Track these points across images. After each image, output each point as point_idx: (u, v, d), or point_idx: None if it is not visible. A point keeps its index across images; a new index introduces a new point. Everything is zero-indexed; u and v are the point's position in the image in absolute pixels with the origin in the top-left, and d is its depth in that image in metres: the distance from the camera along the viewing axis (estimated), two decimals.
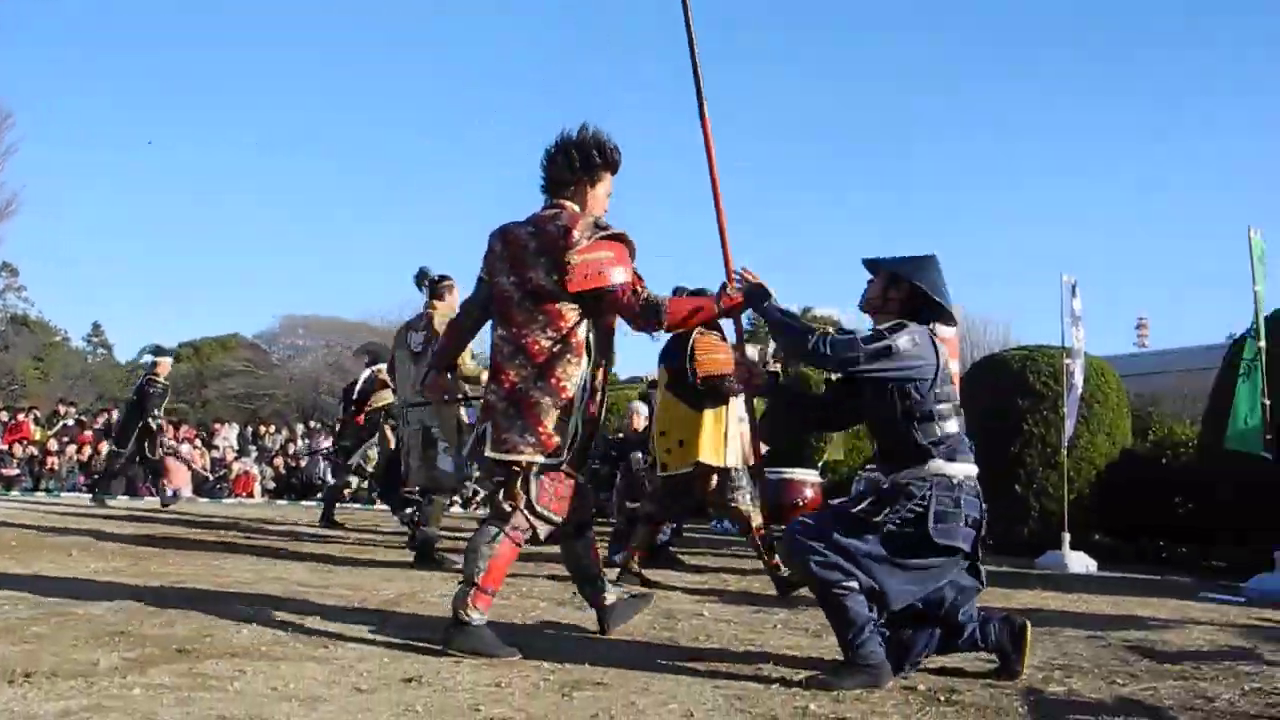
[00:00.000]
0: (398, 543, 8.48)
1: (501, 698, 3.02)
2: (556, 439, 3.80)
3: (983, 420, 11.15)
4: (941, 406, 3.59)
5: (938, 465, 3.54)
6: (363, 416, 11.39)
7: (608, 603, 4.27)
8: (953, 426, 3.61)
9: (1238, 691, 3.55)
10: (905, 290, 3.75)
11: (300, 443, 20.78)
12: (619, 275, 3.82)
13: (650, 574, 6.59)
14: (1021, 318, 53.56)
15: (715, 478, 6.34)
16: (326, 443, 20.82)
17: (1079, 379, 9.99)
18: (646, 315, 3.87)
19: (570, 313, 3.83)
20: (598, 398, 3.96)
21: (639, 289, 3.91)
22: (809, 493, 9.48)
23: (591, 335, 3.89)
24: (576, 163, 4.00)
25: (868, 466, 6.95)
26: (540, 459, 3.81)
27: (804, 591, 6.18)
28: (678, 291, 5.54)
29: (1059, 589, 7.14)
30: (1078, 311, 9.99)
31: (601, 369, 3.97)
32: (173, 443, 16.38)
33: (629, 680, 3.34)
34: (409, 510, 8.57)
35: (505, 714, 2.83)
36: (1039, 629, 5.03)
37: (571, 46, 74.69)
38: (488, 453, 3.84)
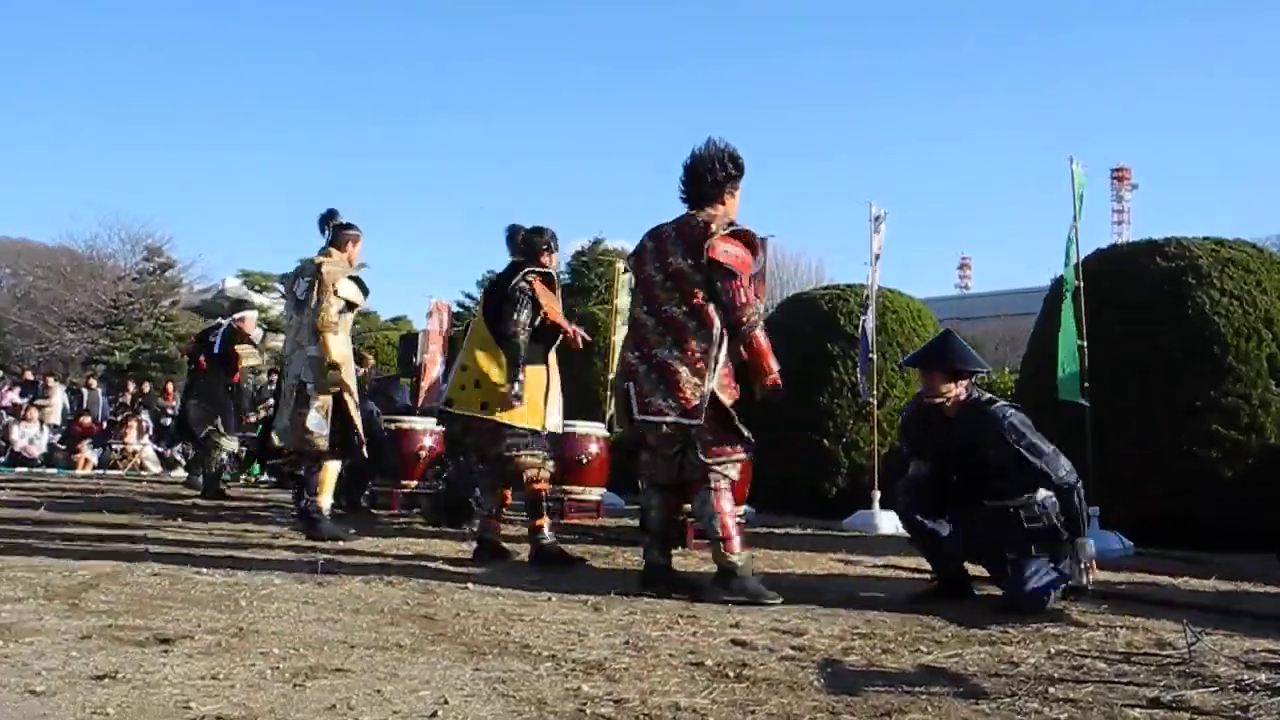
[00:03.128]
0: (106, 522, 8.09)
1: (218, 691, 2.92)
2: (695, 400, 4.90)
3: (786, 368, 11.54)
4: None
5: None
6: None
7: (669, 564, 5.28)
8: None
9: (1043, 655, 3.80)
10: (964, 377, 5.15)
11: None
12: (737, 259, 4.96)
13: (410, 544, 6.53)
14: (837, 254, 55.51)
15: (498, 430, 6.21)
16: (12, 394, 19.64)
17: (870, 325, 10.28)
18: (746, 311, 4.96)
19: (700, 290, 4.96)
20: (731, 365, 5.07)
21: (751, 288, 5.09)
22: (594, 448, 9.49)
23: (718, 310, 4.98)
24: (719, 176, 5.15)
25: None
26: (681, 420, 4.90)
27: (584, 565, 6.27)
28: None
29: (868, 551, 7.48)
30: (877, 249, 10.31)
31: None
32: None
33: (375, 664, 3.29)
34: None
35: (222, 710, 2.73)
36: (841, 597, 5.25)
37: None
38: (636, 416, 5.00)
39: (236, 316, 12.91)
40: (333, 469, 7.19)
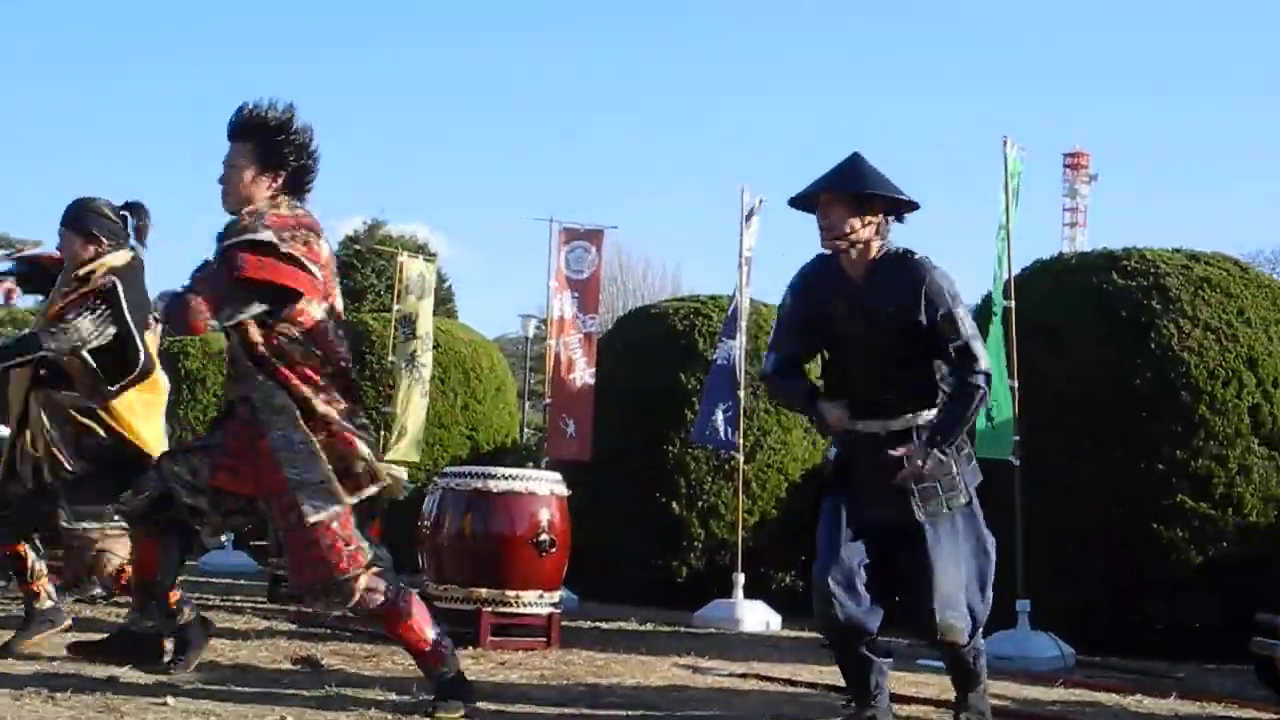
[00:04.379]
0: None
1: None
2: None
3: (626, 405, 11.52)
4: None
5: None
6: None
7: None
8: None
9: None
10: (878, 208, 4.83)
11: None
12: None
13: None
14: (699, 256, 56.04)
15: None
16: None
17: (737, 349, 10.22)
18: None
19: None
20: None
21: None
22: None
23: None
24: None
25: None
26: None
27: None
28: None
29: (724, 654, 7.50)
30: (749, 248, 10.31)
31: None
32: None
33: None
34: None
35: None
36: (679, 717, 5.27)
37: None
38: None
39: None
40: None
